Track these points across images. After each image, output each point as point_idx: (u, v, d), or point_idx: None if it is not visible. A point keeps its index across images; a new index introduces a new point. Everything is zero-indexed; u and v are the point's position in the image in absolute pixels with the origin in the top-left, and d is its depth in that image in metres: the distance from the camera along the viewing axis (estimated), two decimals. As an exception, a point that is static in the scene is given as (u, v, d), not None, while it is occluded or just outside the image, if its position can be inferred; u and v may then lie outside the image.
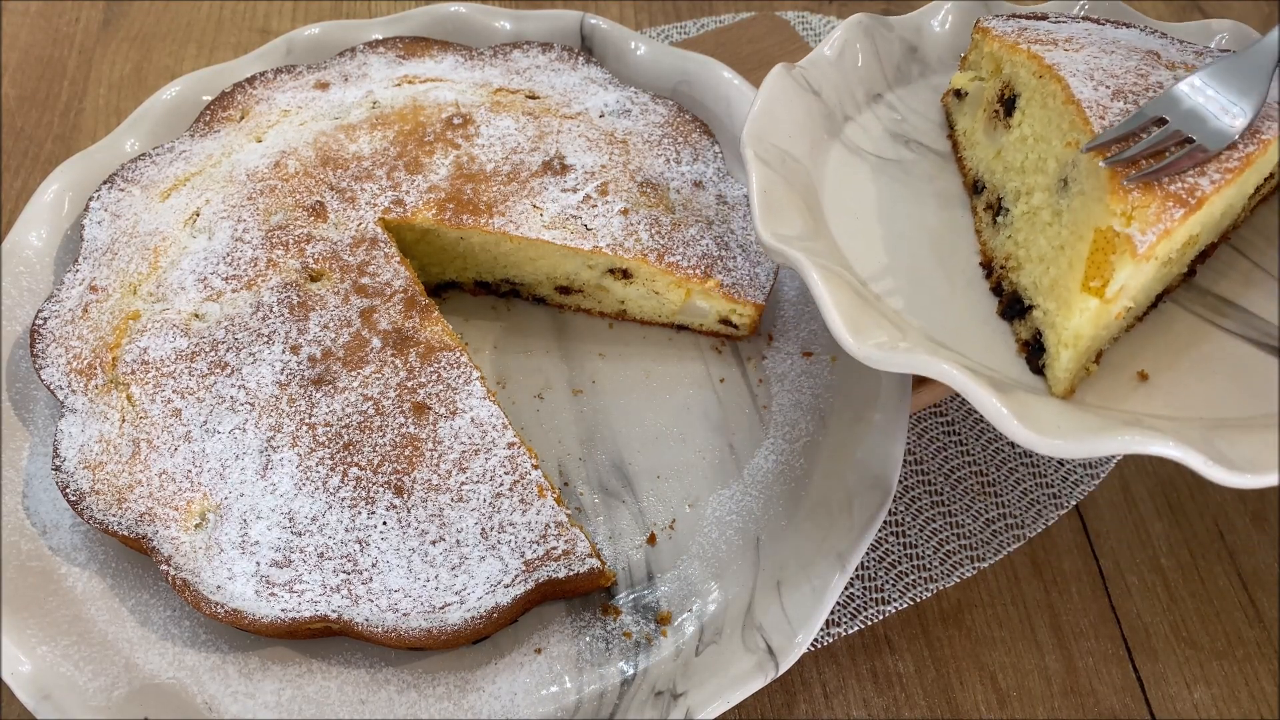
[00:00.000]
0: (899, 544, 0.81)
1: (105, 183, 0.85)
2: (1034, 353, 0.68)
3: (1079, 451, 0.56)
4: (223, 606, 0.66)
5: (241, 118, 0.91)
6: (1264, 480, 0.55)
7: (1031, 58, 0.72)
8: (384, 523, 0.70)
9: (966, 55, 0.84)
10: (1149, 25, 0.84)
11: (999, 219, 0.74)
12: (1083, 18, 0.81)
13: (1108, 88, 0.67)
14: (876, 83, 0.86)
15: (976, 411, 0.89)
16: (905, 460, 0.86)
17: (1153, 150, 0.62)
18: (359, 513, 0.70)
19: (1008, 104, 0.75)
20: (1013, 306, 0.71)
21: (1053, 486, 0.85)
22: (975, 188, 0.79)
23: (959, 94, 0.83)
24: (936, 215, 0.79)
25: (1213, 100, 0.65)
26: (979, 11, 0.89)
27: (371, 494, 0.70)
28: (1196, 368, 0.68)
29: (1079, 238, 0.64)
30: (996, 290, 0.73)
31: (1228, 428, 0.61)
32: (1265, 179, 0.72)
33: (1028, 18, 0.81)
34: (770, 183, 0.71)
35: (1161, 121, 0.63)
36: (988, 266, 0.75)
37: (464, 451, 0.72)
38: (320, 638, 0.71)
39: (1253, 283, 0.73)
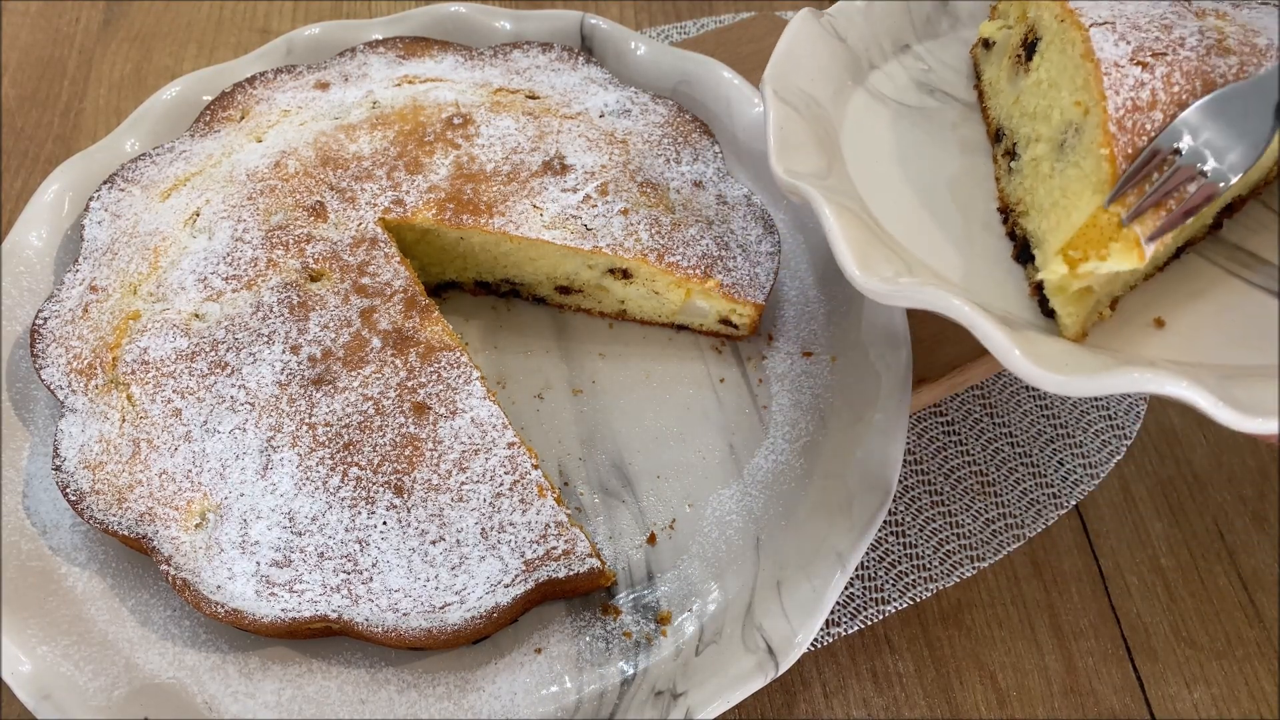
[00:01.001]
0: (899, 544, 0.81)
1: (105, 183, 0.85)
2: (1044, 296, 0.67)
3: (1083, 388, 0.54)
4: (223, 606, 0.66)
5: (241, 118, 0.91)
6: (1270, 425, 0.53)
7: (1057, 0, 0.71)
8: (384, 523, 0.70)
9: (996, 4, 0.84)
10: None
11: (1013, 164, 0.74)
12: None
13: (1129, 43, 0.65)
14: (905, 33, 0.85)
15: (976, 411, 0.90)
16: (905, 460, 0.86)
17: (1162, 194, 0.60)
18: (359, 513, 0.70)
19: (1029, 48, 0.75)
20: (1025, 251, 0.70)
21: (1053, 486, 0.85)
22: (997, 136, 0.79)
23: (987, 44, 0.83)
24: (958, 161, 0.79)
25: (1217, 136, 0.62)
26: None
27: (371, 494, 0.70)
28: (1215, 317, 0.66)
29: (1080, 198, 0.63)
30: (1012, 235, 0.73)
31: (1243, 375, 0.59)
32: None
33: None
34: (787, 120, 0.70)
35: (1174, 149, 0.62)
36: (1005, 212, 0.75)
37: (464, 451, 0.72)
38: (320, 638, 0.71)
39: None
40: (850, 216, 0.63)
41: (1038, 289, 0.68)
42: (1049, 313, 0.67)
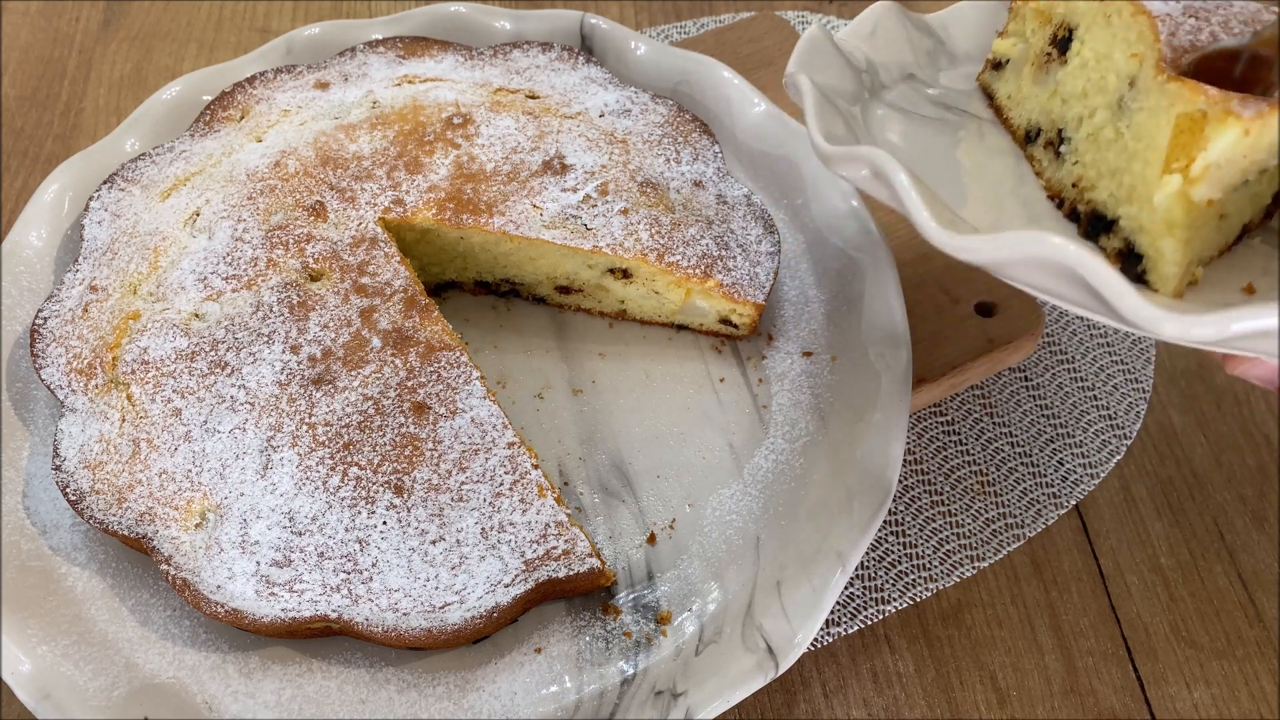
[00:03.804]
0: (899, 544, 0.81)
1: (105, 182, 0.85)
2: (1129, 261, 0.65)
3: (1211, 331, 0.49)
4: (223, 606, 0.66)
5: (241, 117, 0.91)
6: None
7: None
8: (384, 522, 0.70)
9: (1004, 30, 0.84)
10: None
11: (1061, 149, 0.73)
12: None
13: (1179, 2, 0.64)
14: (908, 65, 0.85)
15: (976, 411, 0.90)
16: (905, 460, 0.86)
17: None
18: (359, 512, 0.70)
19: (1062, 44, 0.75)
20: (1095, 224, 0.69)
21: (1053, 486, 0.85)
22: (1029, 138, 0.78)
23: (998, 66, 0.83)
24: (991, 161, 0.78)
25: None
26: (1002, 12, 0.89)
27: (371, 494, 0.70)
28: None
29: (1156, 132, 0.62)
30: (1072, 216, 0.71)
31: None
32: None
33: None
34: (823, 104, 0.69)
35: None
36: (1058, 199, 0.74)
37: (464, 451, 0.72)
38: (320, 637, 0.71)
39: None
40: (918, 180, 0.60)
41: (1120, 256, 0.66)
42: (1137, 277, 0.64)
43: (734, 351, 0.87)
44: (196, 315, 0.77)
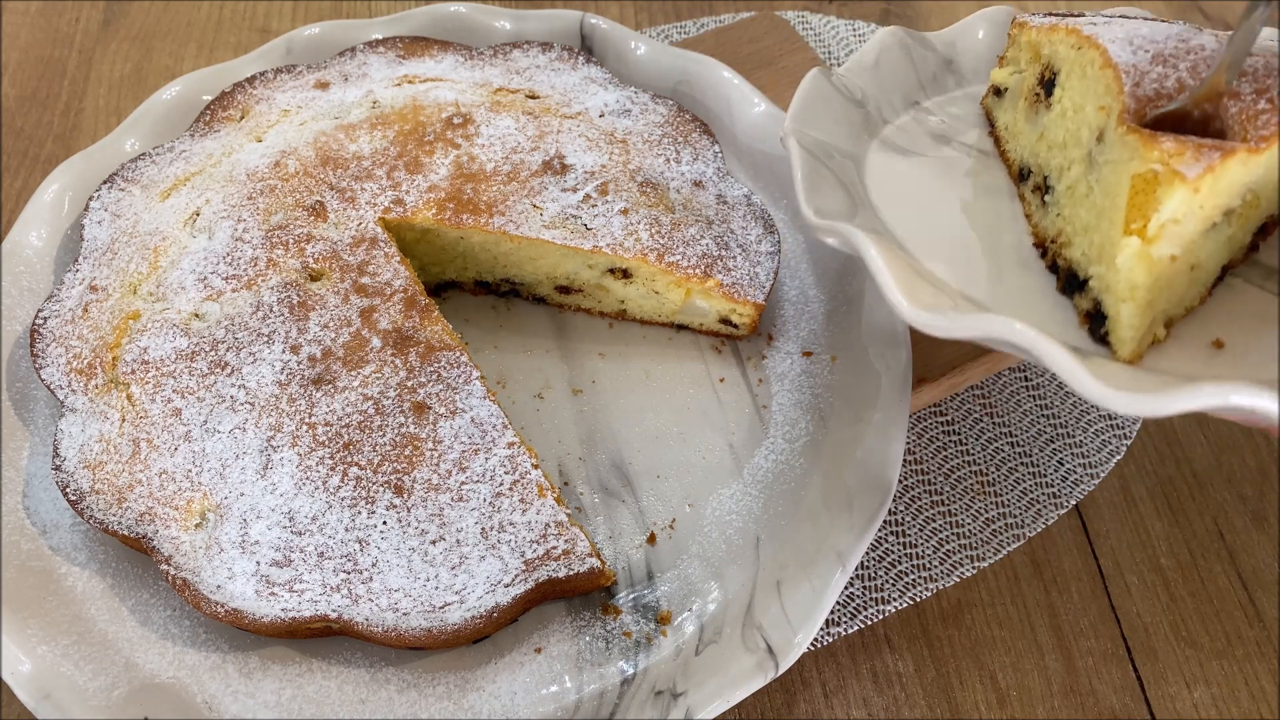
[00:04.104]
0: (899, 544, 0.81)
1: (105, 182, 0.85)
2: (1096, 322, 0.66)
3: (1156, 407, 0.52)
4: (223, 606, 0.66)
5: (241, 117, 0.91)
6: None
7: (1070, 32, 0.72)
8: (384, 522, 0.70)
9: (1004, 55, 0.84)
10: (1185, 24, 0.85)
11: (1046, 198, 0.74)
12: (1118, 15, 0.81)
13: (1147, 52, 0.66)
14: (913, 91, 0.86)
15: (976, 411, 0.90)
16: (905, 460, 0.86)
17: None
18: (359, 512, 0.70)
19: (1048, 85, 0.76)
20: (1071, 281, 0.70)
21: (1053, 486, 0.85)
22: (1021, 175, 0.79)
23: (998, 92, 0.84)
24: (984, 204, 0.79)
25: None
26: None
27: (371, 493, 0.70)
28: (1269, 338, 0.65)
29: (1119, 190, 0.63)
30: (1053, 268, 0.72)
31: None
32: None
33: (1065, 15, 0.82)
34: (813, 167, 0.70)
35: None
36: (1042, 247, 0.74)
37: (464, 451, 0.72)
38: (320, 637, 0.71)
39: None
40: (891, 250, 0.63)
41: (1088, 317, 0.68)
42: (1101, 339, 0.66)
43: (734, 351, 0.87)
44: (196, 315, 0.77)
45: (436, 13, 1.01)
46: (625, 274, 0.84)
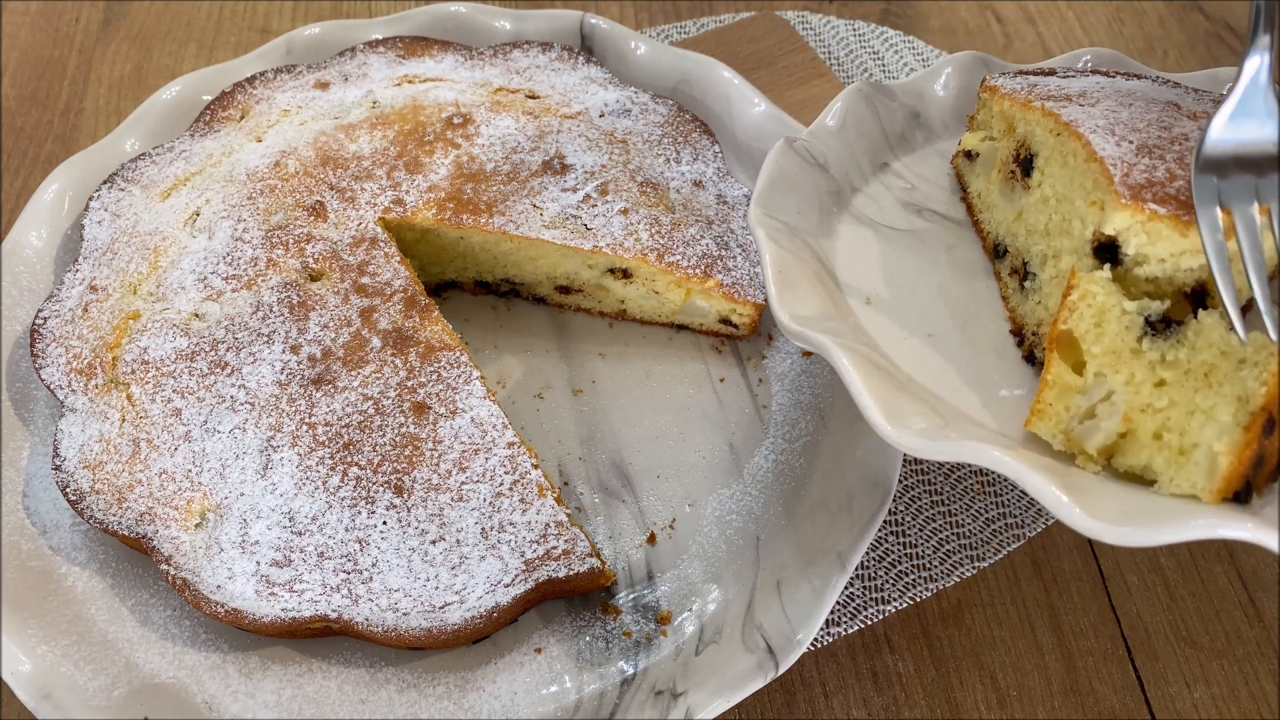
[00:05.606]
0: (899, 544, 0.81)
1: (105, 182, 0.85)
2: None
3: (1148, 539, 0.52)
4: (223, 606, 0.66)
5: (241, 117, 0.91)
6: None
7: (1047, 115, 0.69)
8: (384, 522, 0.70)
9: (974, 115, 0.81)
10: (1159, 76, 0.81)
11: (1026, 284, 0.71)
12: (1090, 70, 0.78)
13: (1131, 142, 0.64)
14: (881, 151, 0.83)
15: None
16: (905, 460, 0.86)
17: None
18: (359, 512, 0.70)
19: (1024, 164, 0.73)
20: None
21: (1053, 486, 0.85)
22: (997, 251, 0.76)
23: (969, 155, 0.81)
24: (958, 285, 0.76)
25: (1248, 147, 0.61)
26: (981, 71, 0.86)
27: (371, 493, 0.70)
28: None
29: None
30: (1029, 359, 0.70)
31: None
32: None
33: (1034, 74, 0.78)
34: (784, 262, 0.68)
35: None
36: (1018, 334, 0.72)
37: (464, 451, 0.72)
38: (320, 637, 0.71)
39: None
40: (869, 366, 0.61)
41: None
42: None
43: (734, 351, 0.87)
44: (196, 315, 0.77)
45: (436, 13, 1.01)
46: (625, 274, 0.84)
